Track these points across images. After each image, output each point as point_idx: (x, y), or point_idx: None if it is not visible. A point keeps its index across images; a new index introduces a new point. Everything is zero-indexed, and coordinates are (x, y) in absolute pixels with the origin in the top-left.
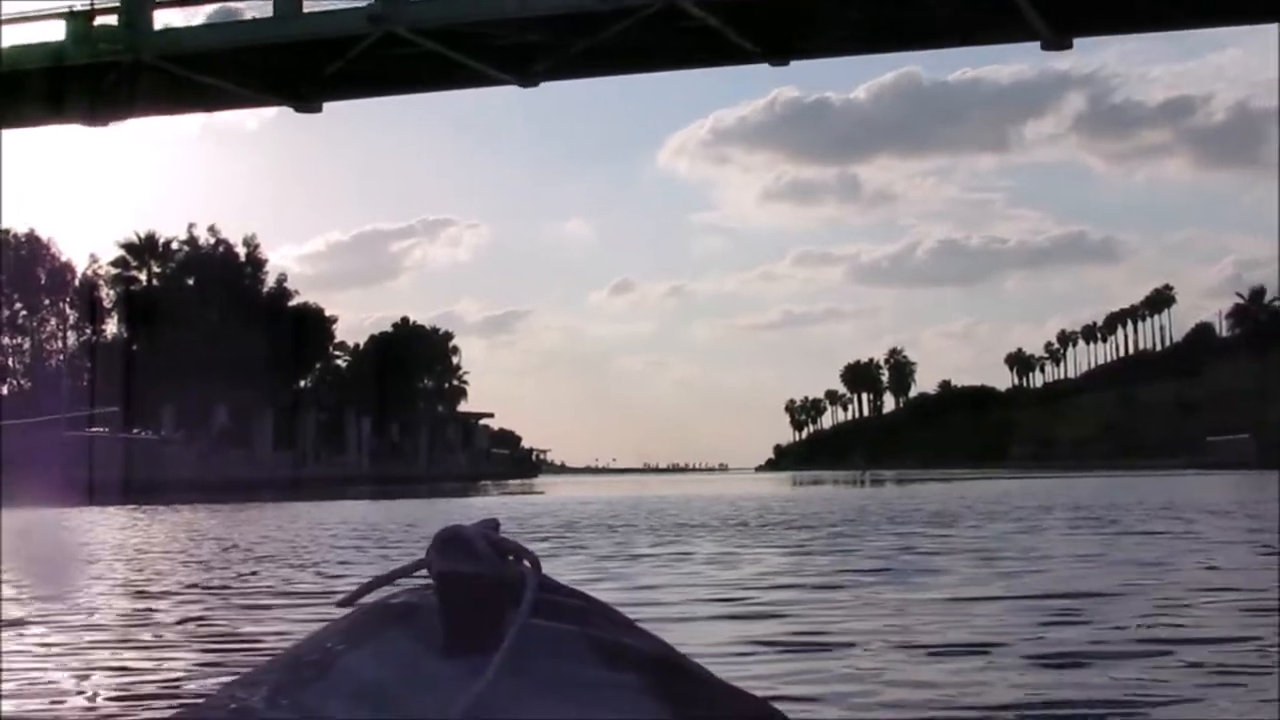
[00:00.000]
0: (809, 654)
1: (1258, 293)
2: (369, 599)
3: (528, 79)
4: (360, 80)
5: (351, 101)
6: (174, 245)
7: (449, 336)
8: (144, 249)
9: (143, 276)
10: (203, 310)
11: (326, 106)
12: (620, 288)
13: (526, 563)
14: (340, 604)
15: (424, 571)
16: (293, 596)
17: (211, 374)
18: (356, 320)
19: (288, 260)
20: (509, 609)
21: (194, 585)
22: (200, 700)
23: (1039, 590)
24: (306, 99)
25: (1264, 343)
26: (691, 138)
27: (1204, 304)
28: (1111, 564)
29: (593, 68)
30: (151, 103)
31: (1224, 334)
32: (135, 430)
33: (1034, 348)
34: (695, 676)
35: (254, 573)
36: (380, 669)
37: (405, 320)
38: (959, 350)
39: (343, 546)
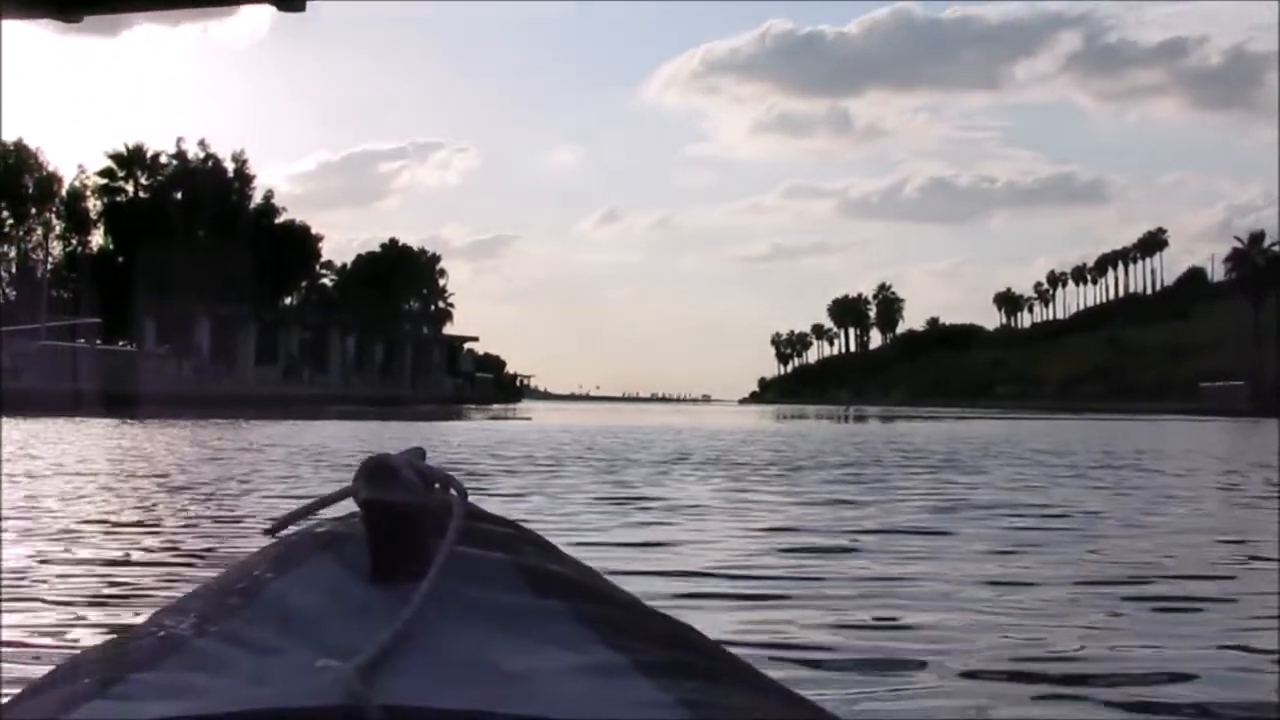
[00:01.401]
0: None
1: (1256, 237)
2: (296, 527)
3: None
4: None
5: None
6: (162, 159)
7: (436, 259)
8: (132, 160)
9: (130, 188)
10: (189, 225)
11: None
12: (608, 217)
13: (453, 491)
14: (267, 532)
15: (351, 500)
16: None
17: (196, 289)
18: (344, 240)
19: (277, 178)
20: (435, 537)
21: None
22: (127, 630)
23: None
24: None
25: (1261, 288)
26: (682, 69)
27: (1195, 248)
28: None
29: None
30: None
31: (1216, 279)
32: (120, 343)
33: (1021, 288)
34: (622, 602)
35: (210, 496)
36: (307, 596)
37: (393, 241)
38: (946, 288)
39: (303, 470)
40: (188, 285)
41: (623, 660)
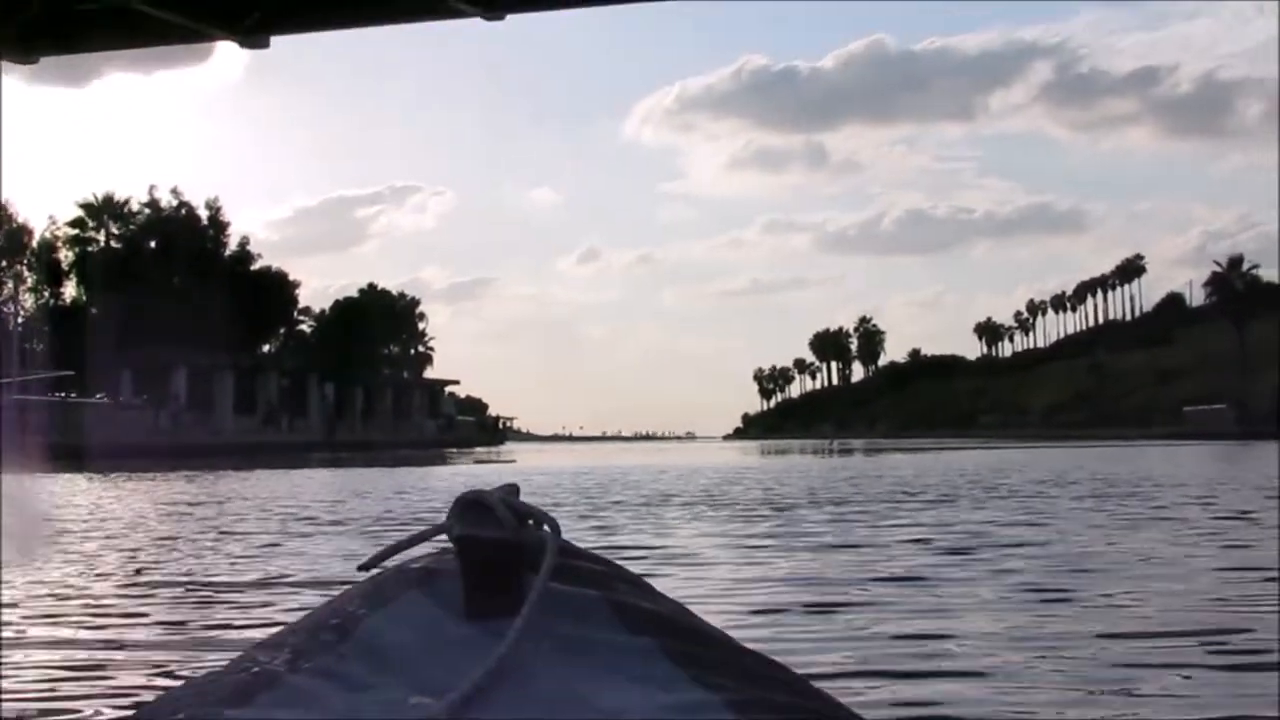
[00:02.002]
0: None
1: (1235, 261)
2: (390, 563)
3: (493, 10)
4: (310, 6)
5: (306, 39)
6: (134, 206)
7: (415, 303)
8: (103, 210)
9: (101, 238)
10: (163, 273)
11: (283, 50)
12: (587, 255)
13: (546, 527)
14: (361, 568)
15: (444, 536)
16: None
17: (172, 338)
18: (322, 286)
19: (253, 225)
20: (528, 574)
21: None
22: (221, 665)
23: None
24: (251, 31)
25: (1242, 312)
26: (657, 106)
27: (1171, 274)
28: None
29: None
30: (82, 34)
31: (1194, 303)
32: (99, 395)
33: (1001, 317)
34: (715, 640)
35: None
36: (401, 632)
37: (371, 286)
38: (926, 319)
39: (286, 523)
40: (163, 334)
41: (716, 699)
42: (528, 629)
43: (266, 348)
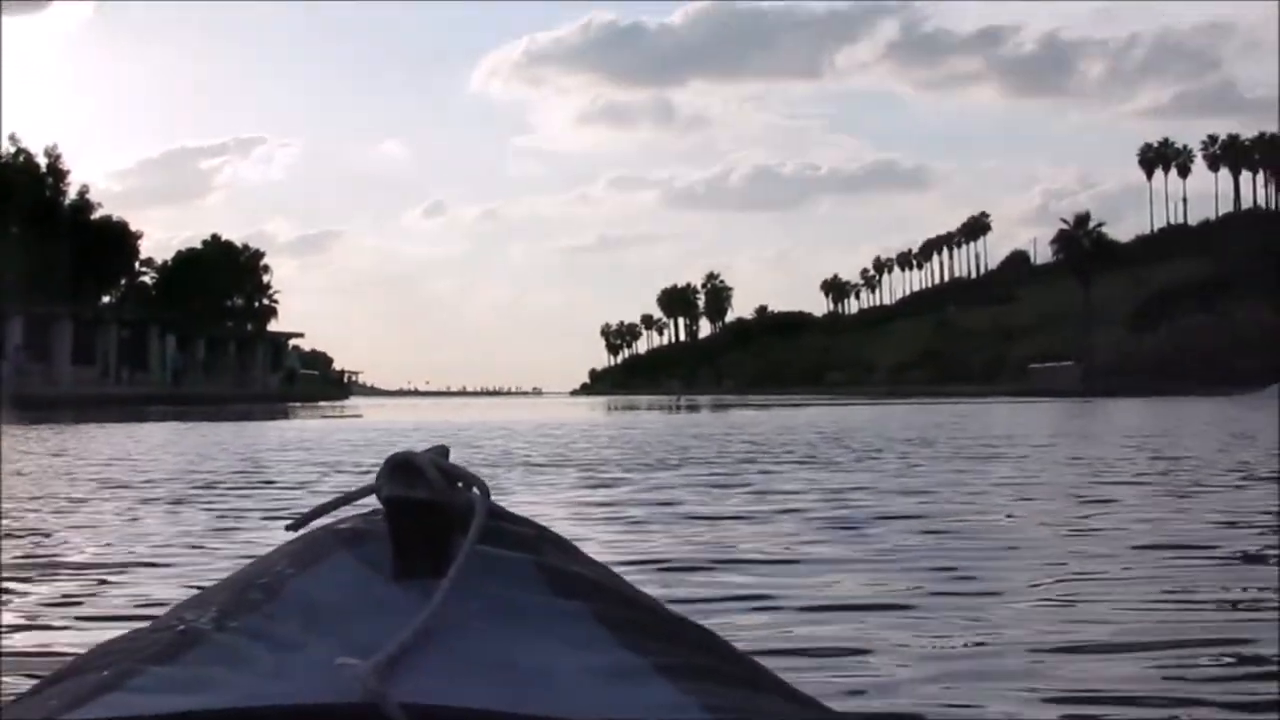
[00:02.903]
0: None
1: (1082, 219)
2: (318, 523)
3: None
4: None
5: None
6: None
7: (260, 255)
8: None
9: None
10: (0, 221)
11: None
12: (434, 209)
13: (475, 490)
14: (289, 528)
15: (373, 497)
16: None
17: (8, 287)
18: (166, 238)
19: (95, 176)
20: (457, 535)
21: None
22: (147, 623)
23: None
24: None
25: (1088, 269)
26: (505, 60)
27: (1015, 232)
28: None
29: None
30: None
31: (1038, 261)
32: None
33: (847, 274)
34: (643, 605)
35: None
36: (329, 592)
37: (215, 237)
38: (773, 276)
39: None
40: None
41: (643, 662)
42: (456, 590)
43: (107, 299)
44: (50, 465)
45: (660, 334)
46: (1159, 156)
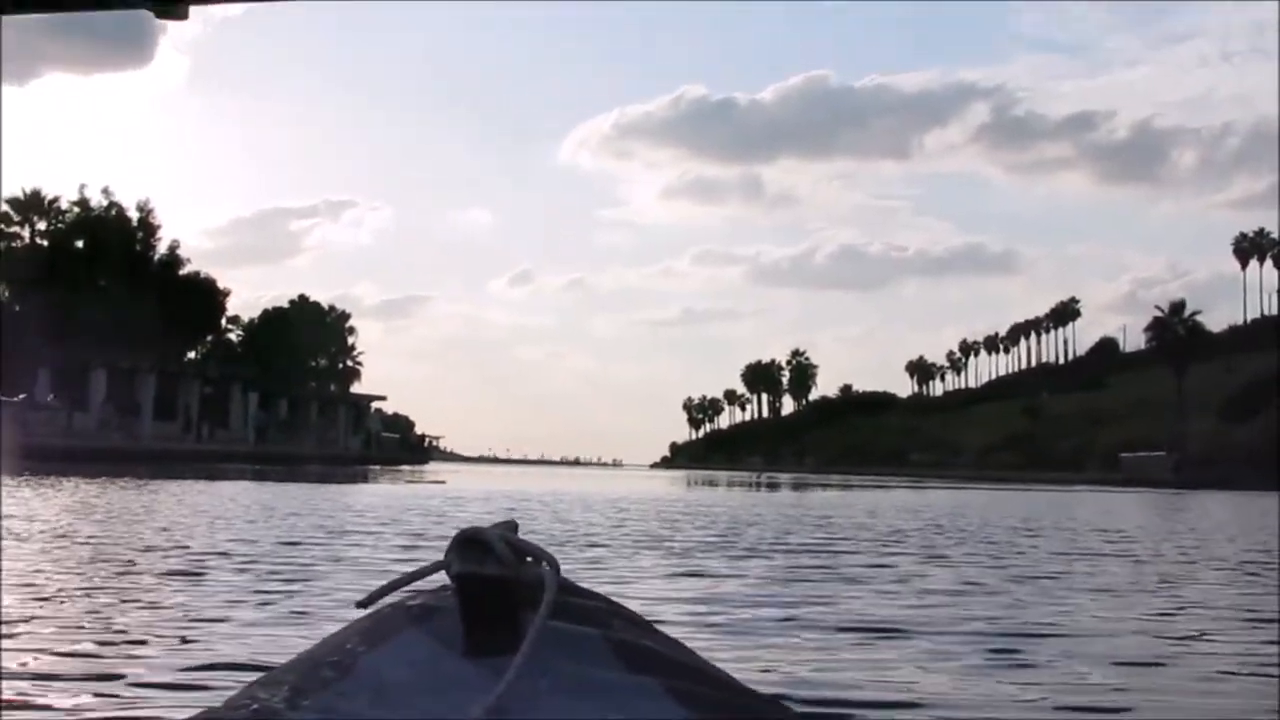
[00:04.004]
0: None
1: (1177, 306)
2: (388, 600)
3: None
4: None
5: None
6: (62, 205)
7: (345, 316)
8: (29, 206)
9: (26, 234)
10: (89, 273)
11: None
12: (520, 278)
13: (545, 564)
14: (360, 604)
15: (443, 573)
16: None
17: (94, 339)
18: (254, 296)
19: (187, 233)
20: (528, 611)
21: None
22: (218, 703)
23: None
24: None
25: (1182, 357)
26: (595, 131)
27: (1101, 318)
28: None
29: None
30: None
31: (1127, 348)
32: (20, 395)
33: (931, 356)
34: (715, 680)
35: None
36: (400, 670)
37: (302, 297)
38: (856, 355)
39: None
40: (86, 335)
41: None
42: (527, 667)
43: (192, 354)
44: (126, 524)
45: (743, 409)
46: (1254, 246)
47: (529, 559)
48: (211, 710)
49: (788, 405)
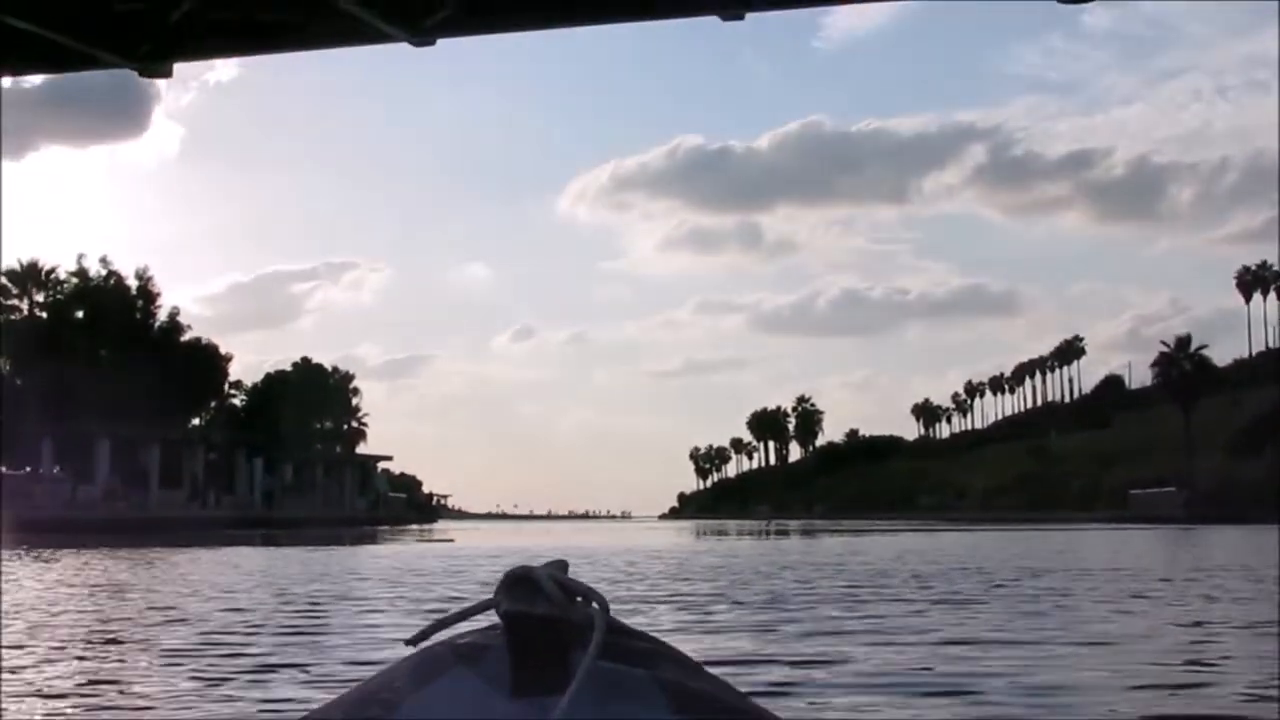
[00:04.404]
0: None
1: (1183, 341)
2: (436, 638)
3: (420, 34)
4: (215, 29)
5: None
6: (60, 275)
7: (349, 377)
8: (26, 277)
9: (24, 306)
10: (90, 343)
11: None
12: (522, 333)
13: (595, 604)
14: (408, 643)
15: (491, 612)
16: None
17: (97, 409)
18: (256, 361)
19: (186, 301)
20: (576, 651)
21: None
22: None
23: None
24: (149, 59)
25: (1190, 393)
26: (591, 184)
27: (1105, 357)
28: None
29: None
30: None
31: (1132, 385)
32: (26, 469)
33: (936, 399)
34: None
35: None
36: (447, 708)
37: (304, 360)
38: (862, 400)
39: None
40: (88, 406)
41: None
42: (575, 707)
43: (196, 421)
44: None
45: (750, 458)
46: (1256, 280)
47: (578, 599)
48: None
49: (794, 452)
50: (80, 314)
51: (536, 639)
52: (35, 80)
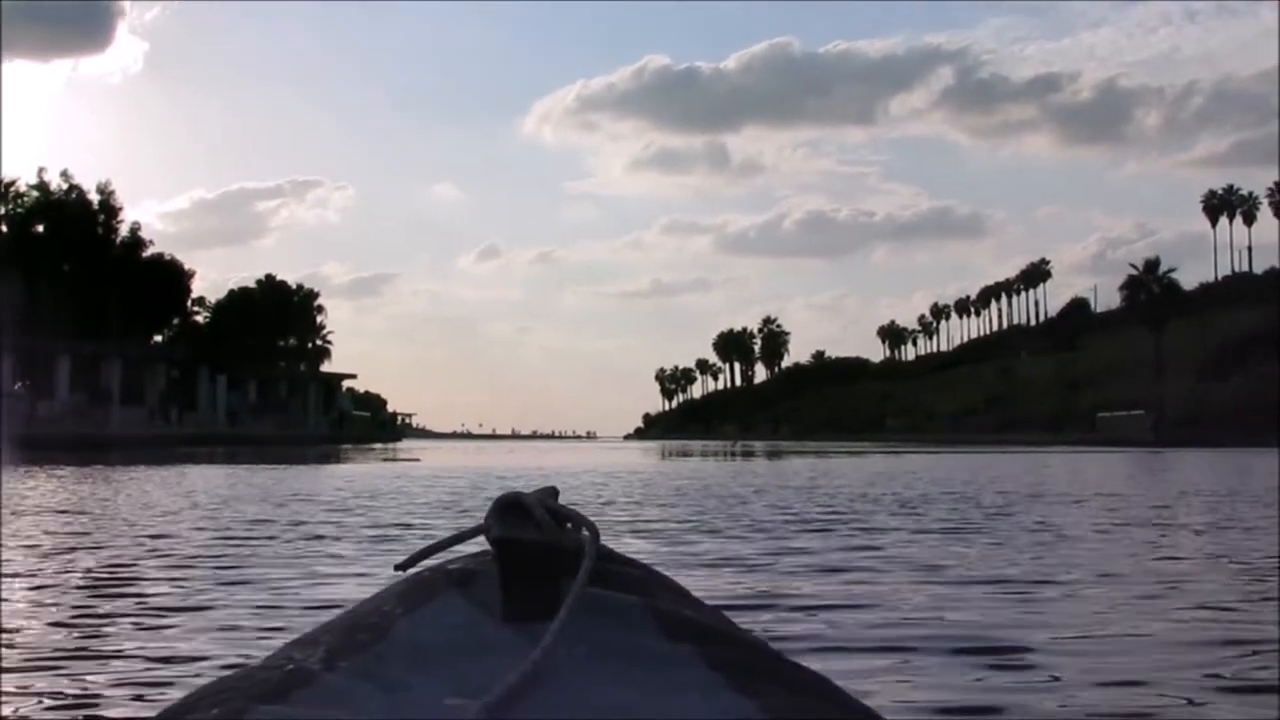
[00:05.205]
0: None
1: (1152, 264)
2: (427, 563)
3: None
4: None
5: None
6: (21, 189)
7: (313, 295)
8: None
9: None
10: (51, 258)
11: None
12: (488, 253)
13: (585, 531)
14: (398, 568)
15: (482, 537)
16: None
17: (58, 325)
18: (221, 279)
19: (150, 216)
20: (566, 577)
21: None
22: (256, 661)
23: None
24: None
25: (1159, 317)
26: (558, 104)
27: (1071, 280)
28: None
29: None
30: None
31: (1099, 309)
32: None
33: (901, 320)
34: (753, 648)
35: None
36: (437, 633)
37: (268, 277)
38: (828, 322)
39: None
40: (49, 321)
41: (755, 705)
42: (565, 632)
43: (158, 338)
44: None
45: (715, 379)
46: (1223, 204)
47: (568, 525)
48: (248, 669)
49: (760, 374)
50: (41, 228)
51: (527, 565)
52: None
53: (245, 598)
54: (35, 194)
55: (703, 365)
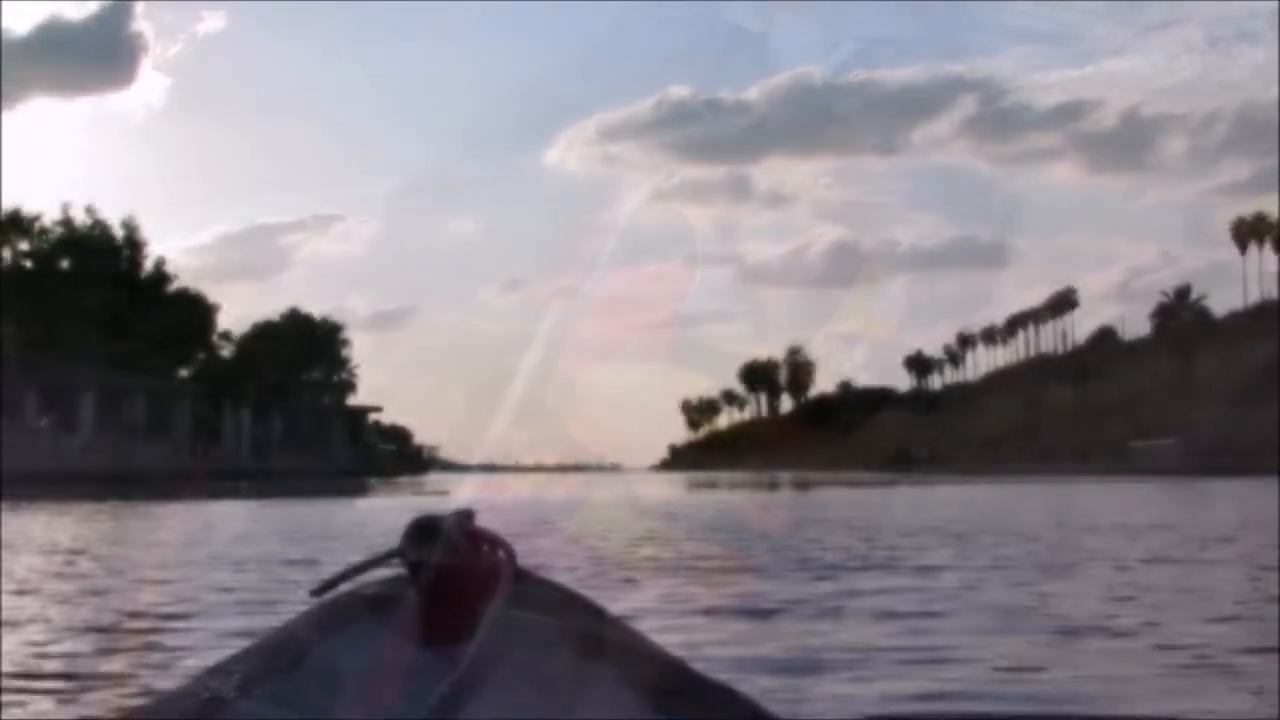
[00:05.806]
0: None
1: (1182, 292)
2: (343, 588)
3: None
4: None
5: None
6: (46, 224)
7: (338, 328)
8: (9, 226)
9: (7, 255)
10: (75, 293)
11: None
12: (509, 285)
13: (501, 553)
14: (314, 593)
15: (398, 560)
16: None
17: (82, 359)
18: (245, 313)
19: (174, 252)
20: (483, 600)
21: None
22: (170, 690)
23: None
24: None
25: (1190, 343)
26: (579, 135)
27: (1096, 308)
28: None
29: None
30: None
31: (1126, 337)
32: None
33: (927, 350)
34: (673, 669)
35: None
36: (354, 658)
37: (293, 311)
38: (853, 352)
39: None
40: (73, 356)
41: None
42: (482, 655)
43: (184, 372)
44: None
45: (741, 409)
46: (1252, 230)
47: (485, 547)
48: (163, 697)
49: (785, 404)
50: (66, 263)
51: (443, 588)
52: (23, 30)
53: None
54: (60, 229)
55: (728, 396)
